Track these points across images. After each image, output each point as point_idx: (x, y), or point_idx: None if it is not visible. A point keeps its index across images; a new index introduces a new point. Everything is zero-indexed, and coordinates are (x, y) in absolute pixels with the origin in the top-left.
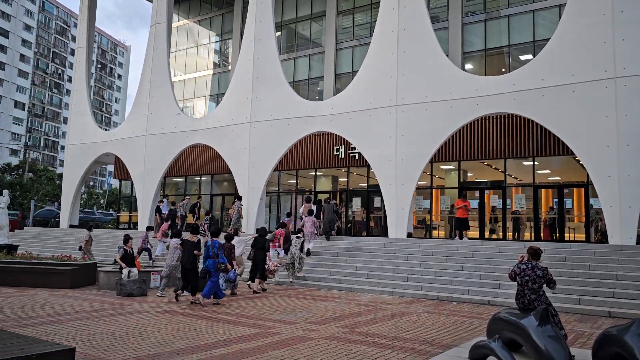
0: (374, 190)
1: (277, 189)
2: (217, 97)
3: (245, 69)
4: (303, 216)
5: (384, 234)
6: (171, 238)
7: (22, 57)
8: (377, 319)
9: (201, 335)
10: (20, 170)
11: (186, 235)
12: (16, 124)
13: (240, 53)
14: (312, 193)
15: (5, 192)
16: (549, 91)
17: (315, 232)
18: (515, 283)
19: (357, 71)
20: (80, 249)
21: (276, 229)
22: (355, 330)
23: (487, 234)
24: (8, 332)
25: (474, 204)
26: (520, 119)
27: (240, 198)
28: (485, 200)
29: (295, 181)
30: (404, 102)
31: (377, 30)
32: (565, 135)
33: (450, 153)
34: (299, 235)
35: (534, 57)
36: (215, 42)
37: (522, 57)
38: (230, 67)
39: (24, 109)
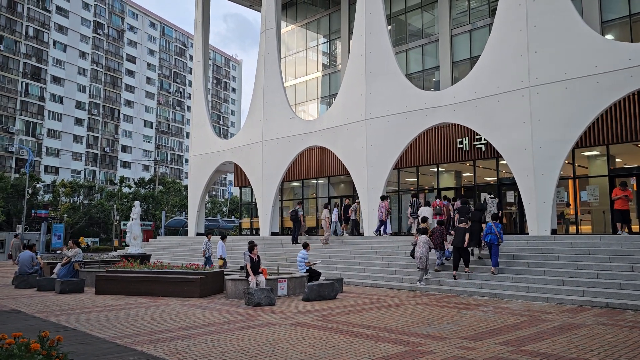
0: (506, 183)
1: (396, 188)
2: (328, 98)
3: (357, 65)
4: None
5: (520, 231)
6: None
7: (148, 80)
8: (543, 334)
9: (342, 355)
10: (152, 184)
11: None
12: (146, 141)
13: (351, 49)
14: (433, 191)
15: (137, 203)
16: None
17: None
18: None
19: (477, 57)
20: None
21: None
22: (522, 349)
23: None
24: (145, 354)
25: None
26: None
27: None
28: None
29: (415, 179)
30: (538, 82)
31: (501, 6)
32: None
33: (594, 136)
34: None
35: None
36: (324, 43)
37: None
38: (339, 67)
39: (152, 127)
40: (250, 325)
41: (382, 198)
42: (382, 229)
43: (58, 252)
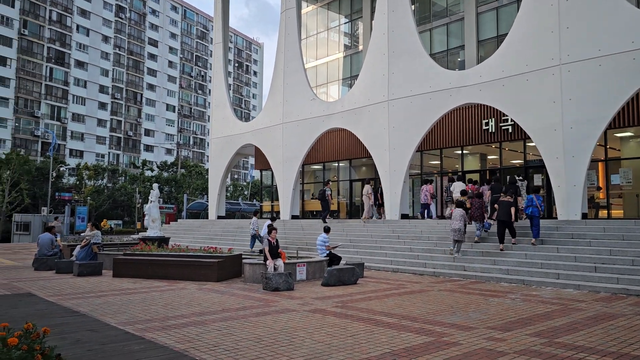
0: (534, 166)
1: (419, 171)
2: (349, 80)
3: (379, 44)
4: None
5: (548, 215)
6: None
7: (170, 63)
8: (577, 324)
9: (361, 345)
10: (175, 167)
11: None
12: (168, 125)
13: (373, 28)
14: (458, 174)
15: (155, 185)
16: None
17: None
18: None
19: (504, 35)
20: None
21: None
22: (556, 341)
23: None
24: (152, 342)
25: None
26: None
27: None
28: None
29: (439, 162)
30: (570, 59)
31: None
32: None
33: (628, 116)
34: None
35: None
36: (345, 23)
37: None
38: (361, 47)
39: (174, 111)
40: (266, 312)
41: (426, 181)
42: (425, 212)
43: (82, 234)
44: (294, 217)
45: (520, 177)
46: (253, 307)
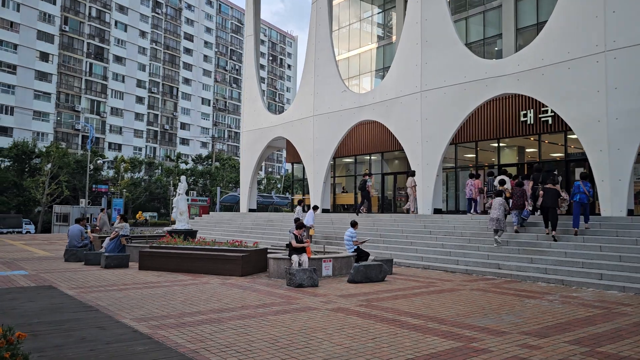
0: (575, 159)
1: (453, 165)
2: (382, 71)
3: (412, 34)
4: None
5: (590, 211)
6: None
7: (205, 58)
8: (622, 331)
9: (382, 349)
10: (209, 160)
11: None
12: (204, 119)
13: (405, 16)
14: (494, 167)
15: (183, 178)
16: None
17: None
18: None
19: (544, 22)
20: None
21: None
22: (598, 351)
23: None
24: (158, 343)
25: None
26: None
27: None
28: None
29: (474, 155)
30: (616, 46)
31: None
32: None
33: None
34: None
35: None
36: (378, 13)
37: None
38: (394, 38)
39: (209, 105)
40: (287, 310)
41: (472, 176)
42: (472, 207)
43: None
44: (324, 210)
45: (555, 172)
46: (274, 304)
